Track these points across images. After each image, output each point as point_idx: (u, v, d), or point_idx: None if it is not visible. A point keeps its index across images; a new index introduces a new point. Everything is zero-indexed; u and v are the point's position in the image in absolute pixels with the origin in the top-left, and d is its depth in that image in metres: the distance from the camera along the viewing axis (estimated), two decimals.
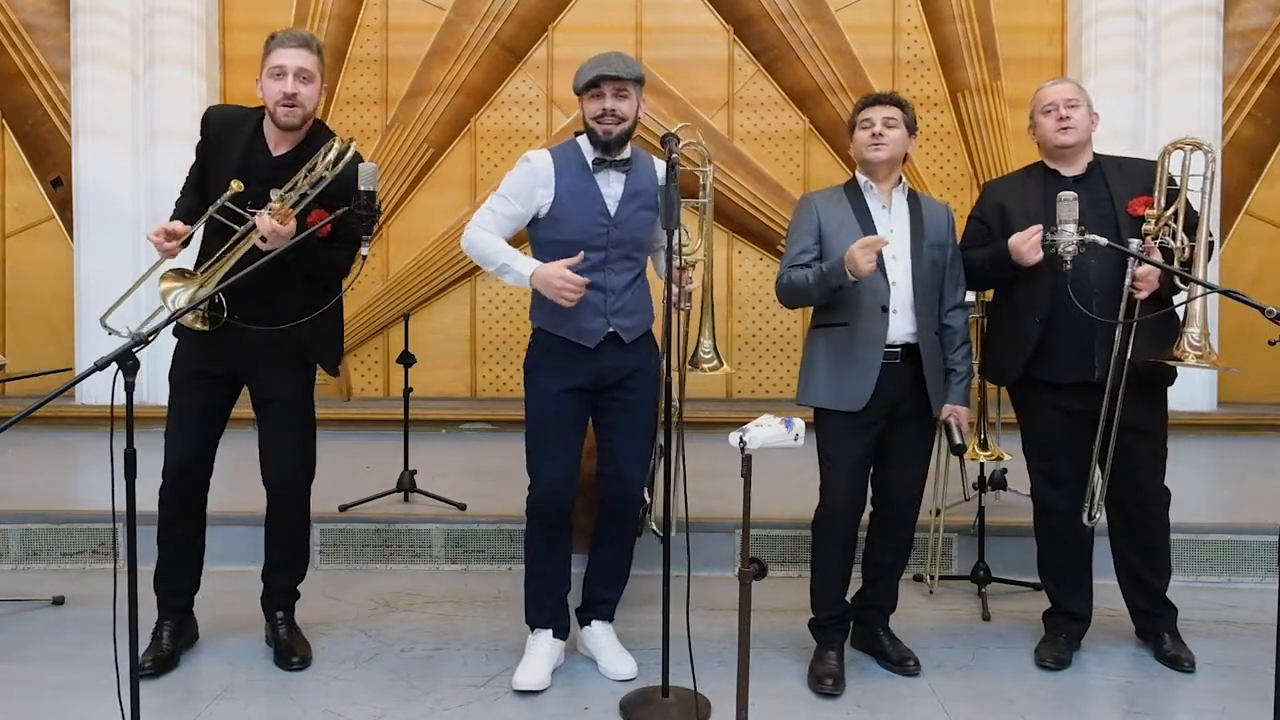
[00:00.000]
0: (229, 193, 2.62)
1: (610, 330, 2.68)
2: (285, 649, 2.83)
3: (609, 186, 2.69)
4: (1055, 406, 2.84)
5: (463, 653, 2.94)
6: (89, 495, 4.21)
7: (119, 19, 6.20)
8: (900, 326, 2.72)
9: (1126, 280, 2.71)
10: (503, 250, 2.67)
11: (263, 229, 2.54)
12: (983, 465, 3.63)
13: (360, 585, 3.54)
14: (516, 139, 6.77)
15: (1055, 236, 2.61)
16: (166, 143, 6.09)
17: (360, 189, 2.50)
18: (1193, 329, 2.65)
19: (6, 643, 2.99)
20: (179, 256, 2.66)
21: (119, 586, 2.06)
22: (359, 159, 2.62)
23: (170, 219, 2.72)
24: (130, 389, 1.99)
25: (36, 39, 6.68)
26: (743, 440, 2.14)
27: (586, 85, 2.65)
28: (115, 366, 1.97)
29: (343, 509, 3.80)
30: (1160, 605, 2.92)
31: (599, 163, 2.68)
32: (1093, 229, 2.60)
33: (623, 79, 2.64)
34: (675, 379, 2.67)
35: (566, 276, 2.55)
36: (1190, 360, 2.64)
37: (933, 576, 3.50)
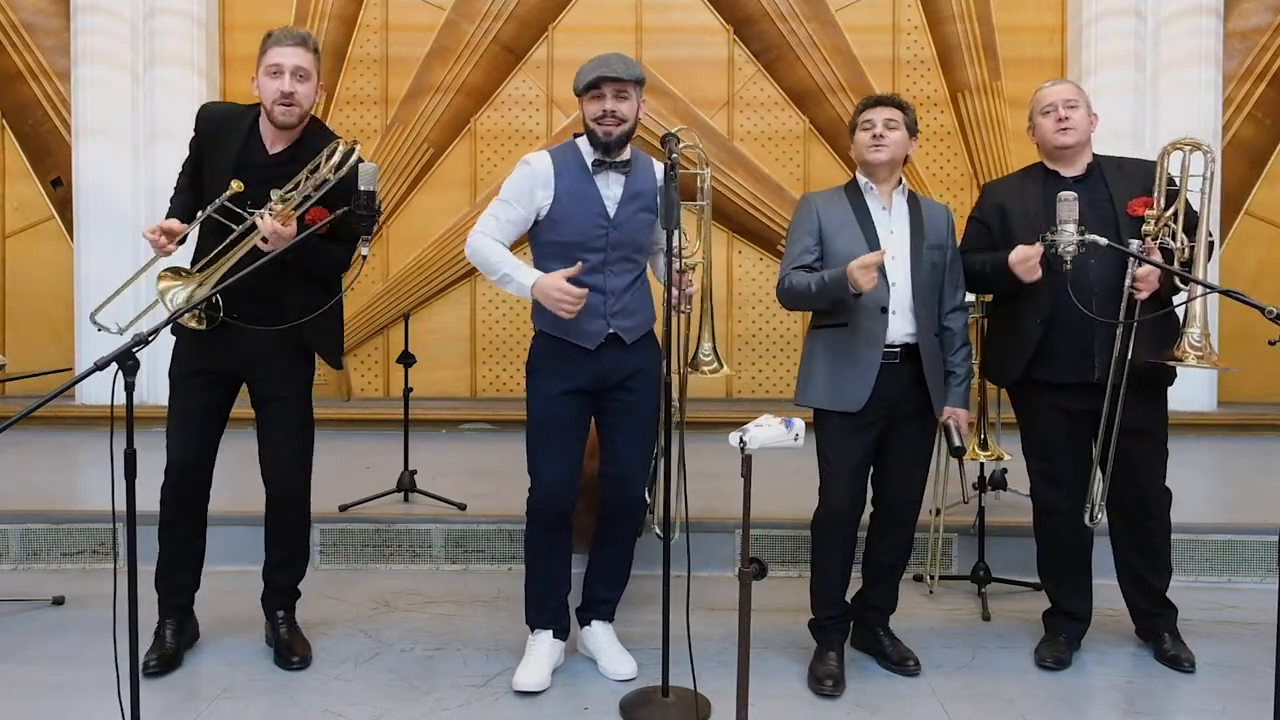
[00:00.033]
0: (229, 192, 2.61)
1: (611, 331, 2.68)
2: (285, 649, 2.83)
3: (608, 188, 2.69)
4: (1055, 407, 2.84)
5: (463, 653, 2.94)
6: (89, 495, 4.21)
7: (119, 19, 6.20)
8: (899, 327, 2.72)
9: (1127, 281, 2.71)
10: (506, 260, 2.67)
11: (264, 231, 2.54)
12: (983, 465, 3.63)
13: (360, 585, 3.54)
14: (516, 139, 6.77)
15: (1055, 237, 2.60)
16: (166, 143, 6.08)
17: (360, 189, 2.49)
18: (1193, 329, 2.65)
19: (6, 643, 2.99)
20: (174, 254, 2.66)
21: (119, 586, 2.07)
22: (359, 159, 2.62)
23: (166, 216, 2.72)
24: (130, 389, 2.00)
25: (36, 39, 6.68)
26: (743, 440, 2.14)
27: (587, 86, 2.65)
28: (115, 366, 1.97)
29: (343, 509, 3.81)
30: (1160, 605, 2.92)
31: (598, 164, 2.68)
32: (1092, 229, 2.59)
33: (623, 80, 2.64)
34: (676, 381, 2.66)
35: (564, 289, 2.54)
36: (1191, 361, 2.64)
37: (933, 576, 3.50)
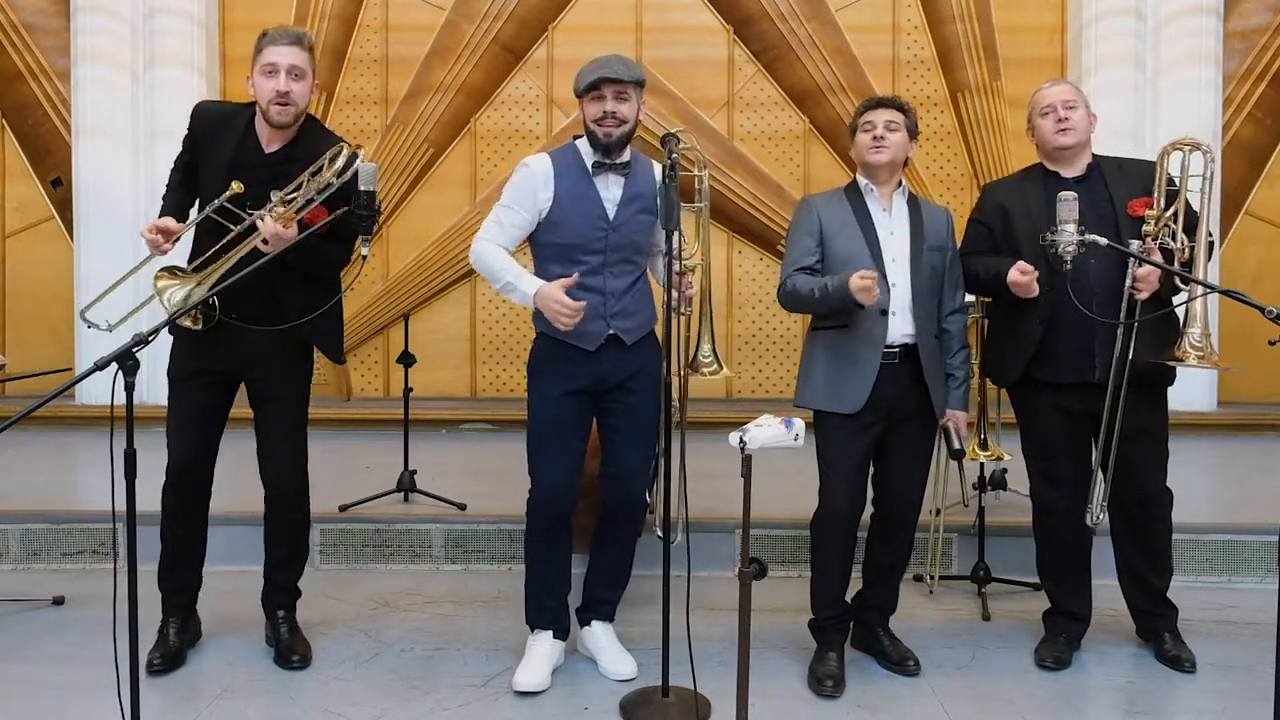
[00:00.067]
0: (229, 193, 2.61)
1: (611, 333, 2.68)
2: (285, 648, 2.83)
3: (608, 190, 2.69)
4: (1055, 407, 2.84)
5: (463, 653, 2.94)
6: (89, 495, 4.21)
7: (119, 19, 6.20)
8: (899, 328, 2.71)
9: (1127, 281, 2.71)
10: (509, 268, 2.66)
11: (265, 232, 2.54)
12: (983, 465, 3.63)
13: (360, 585, 3.54)
14: (516, 139, 6.78)
15: (1055, 237, 2.60)
16: (166, 143, 6.05)
17: (360, 189, 2.49)
18: (1194, 329, 2.65)
19: (6, 643, 2.99)
20: (170, 253, 2.66)
21: (119, 586, 2.07)
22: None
23: (160, 214, 2.72)
24: (130, 389, 2.00)
25: (36, 39, 6.68)
26: (743, 440, 2.14)
27: (587, 88, 2.65)
28: (115, 366, 1.97)
29: (343, 509, 3.80)
30: (1161, 605, 2.92)
31: (598, 166, 2.68)
32: (1093, 230, 2.59)
33: (623, 81, 2.64)
34: (676, 383, 2.66)
35: (562, 301, 2.54)
36: (1191, 361, 2.64)
37: (933, 576, 3.50)
